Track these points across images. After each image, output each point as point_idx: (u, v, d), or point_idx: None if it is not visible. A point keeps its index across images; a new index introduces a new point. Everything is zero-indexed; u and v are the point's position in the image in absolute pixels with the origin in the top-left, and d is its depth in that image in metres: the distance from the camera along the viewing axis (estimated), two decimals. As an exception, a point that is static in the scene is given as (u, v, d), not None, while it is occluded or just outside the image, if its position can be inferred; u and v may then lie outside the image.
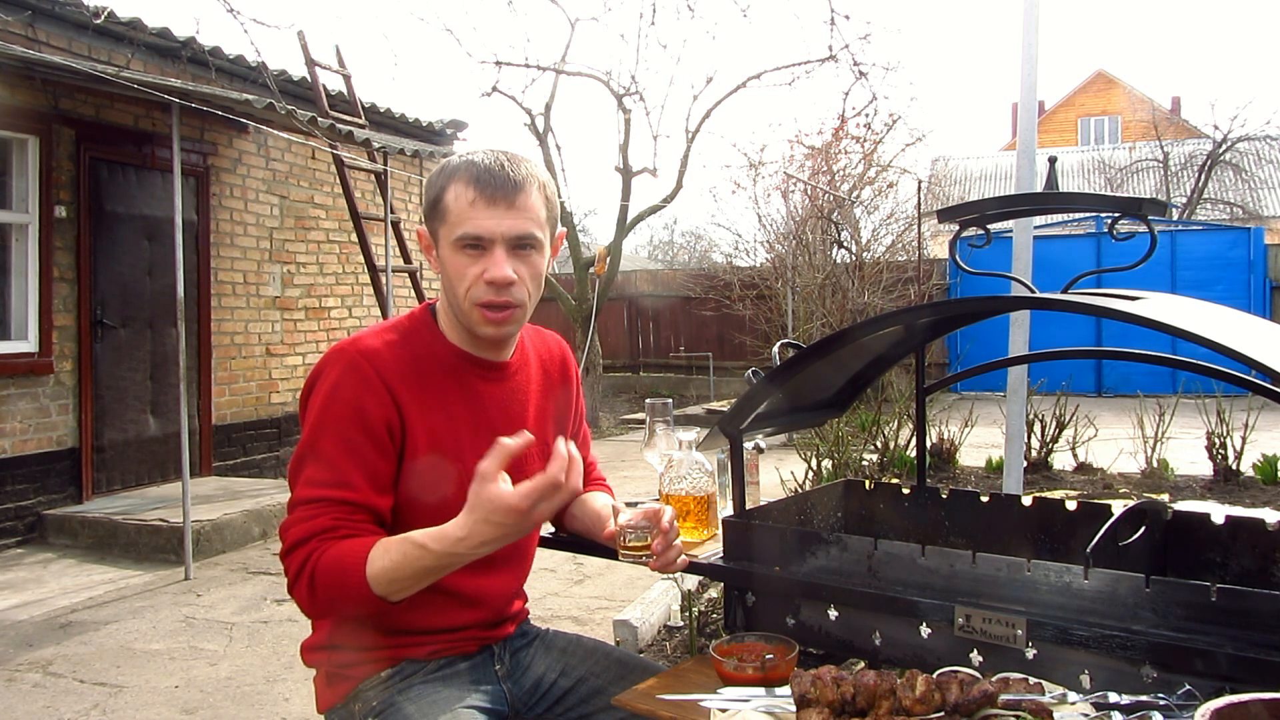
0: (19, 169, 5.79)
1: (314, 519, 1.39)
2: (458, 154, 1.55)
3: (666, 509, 1.55)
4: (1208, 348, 1.24)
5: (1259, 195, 22.18)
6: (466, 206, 1.46)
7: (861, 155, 13.08)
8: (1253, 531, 1.66)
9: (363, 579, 1.33)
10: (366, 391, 1.44)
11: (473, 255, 1.47)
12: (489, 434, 1.41)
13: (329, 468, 1.42)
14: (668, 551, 1.53)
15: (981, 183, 25.85)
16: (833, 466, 5.33)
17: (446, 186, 1.49)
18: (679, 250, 29.99)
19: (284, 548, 1.40)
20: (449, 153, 8.46)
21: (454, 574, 1.51)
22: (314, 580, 1.36)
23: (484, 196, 1.46)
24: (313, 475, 1.42)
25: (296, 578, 1.37)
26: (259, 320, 7.45)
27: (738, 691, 1.36)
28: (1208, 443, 5.99)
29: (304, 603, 1.39)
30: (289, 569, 1.39)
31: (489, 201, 1.46)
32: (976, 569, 1.39)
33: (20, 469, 5.66)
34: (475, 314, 1.49)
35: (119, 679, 3.70)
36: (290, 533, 1.40)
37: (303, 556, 1.37)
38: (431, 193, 1.52)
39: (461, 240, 1.47)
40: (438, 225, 1.50)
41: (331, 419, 1.43)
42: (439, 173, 1.53)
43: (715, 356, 14.17)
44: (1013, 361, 3.27)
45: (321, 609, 1.41)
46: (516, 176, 1.48)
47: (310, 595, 1.37)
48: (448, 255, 1.49)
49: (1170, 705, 1.13)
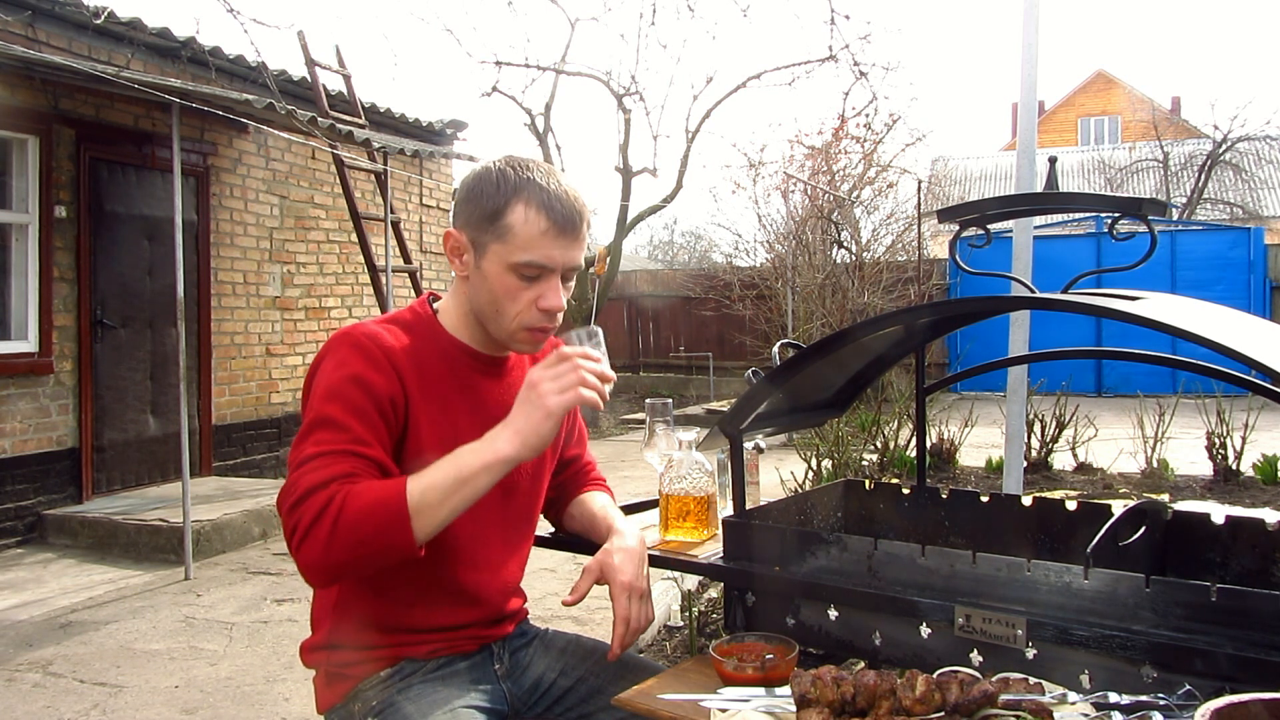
0: (19, 169, 5.79)
1: (330, 466, 1.33)
2: (494, 162, 1.50)
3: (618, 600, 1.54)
4: (1208, 348, 1.24)
5: (1259, 195, 22.19)
6: (538, 235, 1.44)
7: (861, 155, 13.09)
8: (1253, 531, 1.66)
9: (403, 501, 1.29)
10: (374, 368, 1.42)
11: (528, 281, 1.46)
12: (485, 428, 1.43)
13: (341, 430, 1.37)
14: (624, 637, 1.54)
15: (981, 183, 25.85)
16: (833, 466, 5.33)
17: (511, 205, 1.44)
18: (679, 250, 29.99)
19: (293, 498, 1.30)
20: (449, 153, 8.47)
21: (452, 569, 1.52)
22: (340, 518, 1.27)
23: (556, 227, 1.44)
24: (323, 437, 1.36)
25: (315, 521, 1.28)
26: (259, 320, 7.45)
27: (738, 691, 1.36)
28: (1208, 443, 5.99)
29: (317, 549, 1.28)
30: (302, 515, 1.29)
31: (560, 232, 1.45)
32: (976, 569, 1.39)
33: (20, 469, 5.66)
34: (521, 335, 1.50)
35: (119, 679, 3.70)
36: (302, 480, 1.31)
37: (324, 499, 1.29)
38: (488, 204, 1.46)
39: (525, 266, 1.45)
40: (492, 241, 1.46)
41: (341, 391, 1.40)
42: (497, 185, 1.46)
43: (715, 356, 14.17)
44: (1013, 361, 3.27)
45: (340, 553, 1.29)
46: (580, 208, 1.47)
47: (330, 537, 1.27)
48: (497, 273, 1.46)
49: (1170, 705, 1.13)
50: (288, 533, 1.32)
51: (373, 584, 1.51)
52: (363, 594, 1.52)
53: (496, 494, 1.52)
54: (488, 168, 1.51)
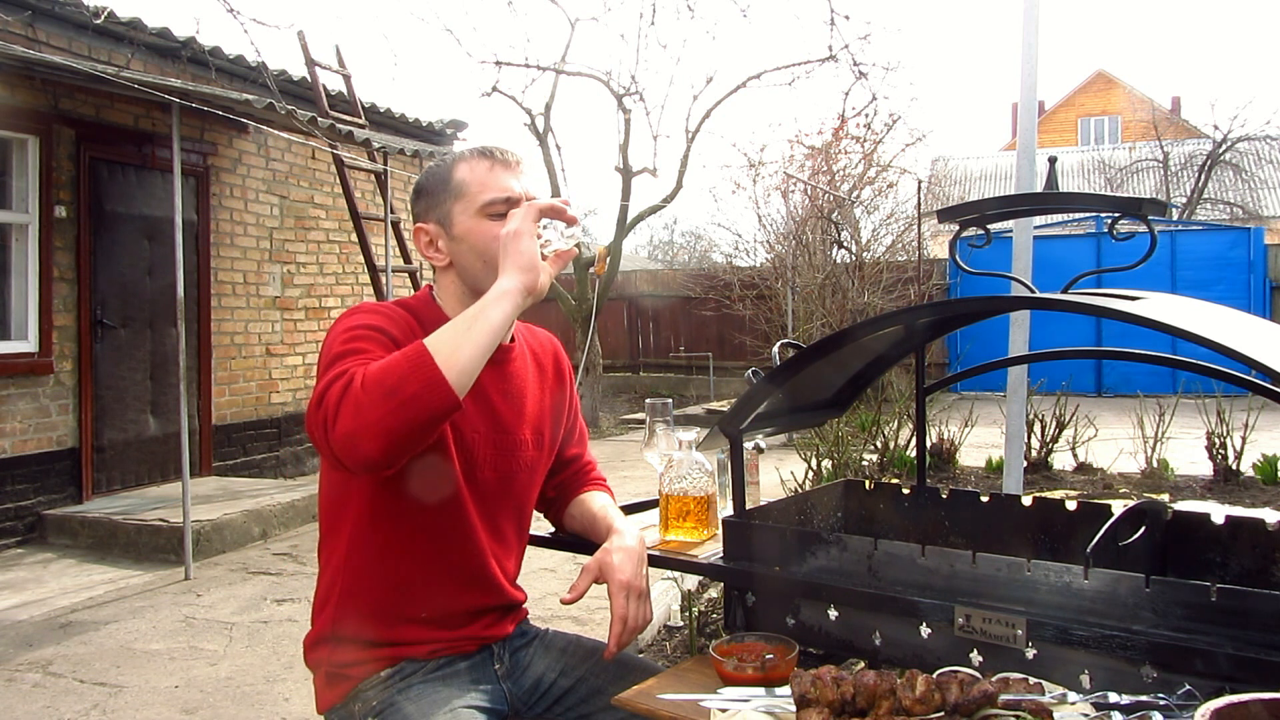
0: (19, 169, 5.79)
1: (357, 355, 1.35)
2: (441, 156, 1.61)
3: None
4: (1208, 348, 1.24)
5: (1259, 195, 22.18)
6: (486, 173, 1.55)
7: (861, 155, 13.09)
8: (1253, 531, 1.66)
9: (420, 345, 1.27)
10: (392, 324, 1.48)
11: (499, 220, 1.51)
12: (487, 412, 1.47)
13: (359, 355, 1.37)
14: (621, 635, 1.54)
15: (981, 183, 25.84)
16: (833, 466, 5.33)
17: (455, 167, 1.57)
18: (679, 250, 30.00)
19: (316, 399, 1.28)
20: (449, 153, 8.47)
21: (450, 549, 1.54)
22: (364, 380, 1.25)
23: (500, 163, 1.56)
24: (340, 366, 1.33)
25: (341, 397, 1.25)
26: (259, 320, 7.45)
27: (738, 691, 1.36)
28: (1208, 443, 5.99)
29: (348, 416, 1.23)
30: (327, 402, 1.25)
31: (505, 166, 1.57)
32: (976, 569, 1.39)
33: (20, 469, 5.66)
34: None
35: (119, 679, 3.70)
36: (326, 376, 1.30)
37: (344, 379, 1.27)
38: (436, 179, 1.58)
39: (490, 205, 1.54)
40: (452, 204, 1.55)
41: (357, 334, 1.42)
42: (439, 165, 1.61)
43: (715, 356, 14.17)
44: (1013, 361, 3.27)
45: (371, 409, 1.23)
46: (509, 149, 1.59)
47: (358, 401, 1.23)
48: (471, 227, 1.54)
49: (1170, 705, 1.13)
50: (318, 429, 1.27)
51: (372, 569, 1.52)
52: (363, 580, 1.52)
53: (493, 479, 1.57)
54: (426, 167, 1.65)
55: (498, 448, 1.59)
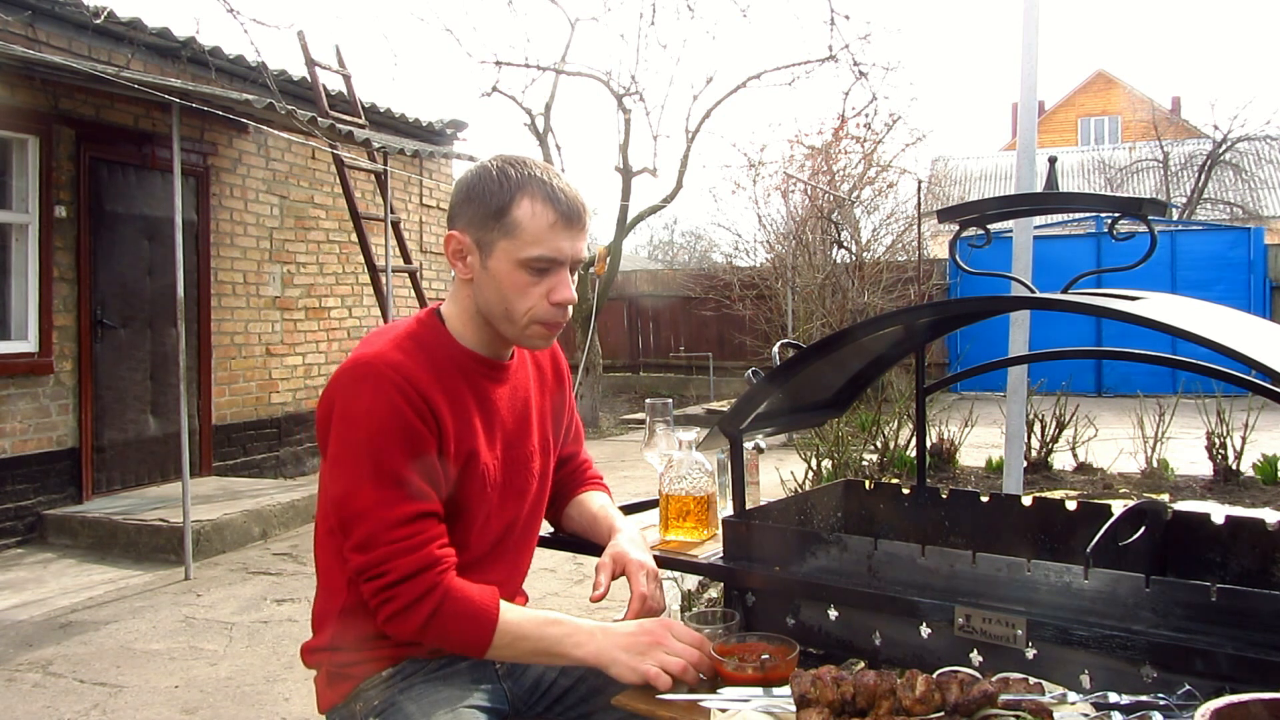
0: (19, 169, 5.79)
1: (419, 549, 1.40)
2: (491, 162, 1.51)
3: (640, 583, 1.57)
4: (1208, 348, 1.24)
5: (1259, 195, 22.18)
6: (546, 227, 1.45)
7: (861, 155, 13.09)
8: (1253, 531, 1.65)
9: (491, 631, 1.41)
10: (408, 405, 1.42)
11: (537, 276, 1.47)
12: (500, 431, 1.49)
13: (401, 483, 1.40)
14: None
15: (981, 183, 25.84)
16: (833, 466, 5.33)
17: (516, 200, 1.45)
18: (679, 250, 29.97)
19: (388, 578, 1.39)
20: (449, 153, 8.47)
21: (468, 569, 1.53)
22: (437, 615, 1.39)
23: (563, 219, 1.46)
24: (387, 496, 1.40)
25: (412, 606, 1.39)
26: (259, 320, 7.45)
27: (738, 691, 1.35)
28: (1208, 443, 5.99)
29: (410, 629, 1.40)
30: (399, 596, 1.39)
31: (567, 224, 1.47)
32: (976, 569, 1.39)
33: (20, 469, 5.67)
34: (533, 330, 1.51)
35: (119, 679, 3.70)
36: (398, 562, 1.39)
37: (421, 589, 1.39)
38: (492, 202, 1.46)
39: (534, 261, 1.46)
40: (499, 238, 1.46)
41: (384, 438, 1.41)
42: (499, 182, 1.47)
43: (715, 356, 14.17)
44: (1013, 361, 3.27)
45: (426, 638, 1.42)
46: (581, 200, 1.50)
47: (424, 626, 1.39)
48: (506, 270, 1.47)
49: (1170, 705, 1.13)
50: (375, 600, 1.41)
51: None
52: None
53: (509, 495, 1.59)
54: (485, 166, 1.50)
55: (511, 464, 1.59)
